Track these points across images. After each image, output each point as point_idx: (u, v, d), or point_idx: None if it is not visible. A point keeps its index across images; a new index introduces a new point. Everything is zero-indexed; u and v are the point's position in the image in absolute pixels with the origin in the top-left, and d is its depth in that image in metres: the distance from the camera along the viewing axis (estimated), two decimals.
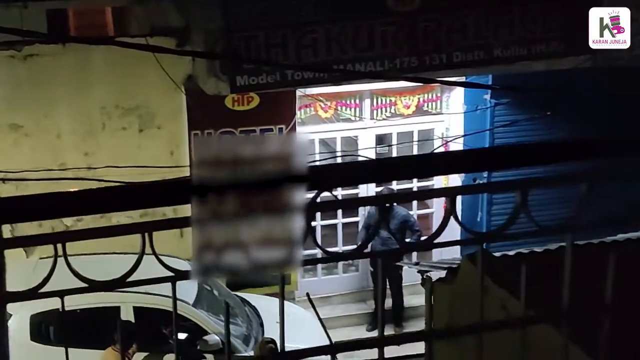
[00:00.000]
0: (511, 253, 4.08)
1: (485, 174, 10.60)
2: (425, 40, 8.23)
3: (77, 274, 1.72)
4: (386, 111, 10.59)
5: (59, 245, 1.67)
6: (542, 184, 1.77)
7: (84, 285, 1.74)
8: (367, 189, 11.10)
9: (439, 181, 11.35)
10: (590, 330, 2.23)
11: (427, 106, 10.65)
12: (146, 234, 1.65)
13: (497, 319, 2.90)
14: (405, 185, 11.25)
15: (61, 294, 1.79)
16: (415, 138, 10.86)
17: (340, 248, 11.28)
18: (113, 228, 1.87)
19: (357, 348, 1.83)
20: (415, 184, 11.30)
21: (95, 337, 7.22)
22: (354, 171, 1.73)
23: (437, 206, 11.46)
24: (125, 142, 9.33)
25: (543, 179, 1.77)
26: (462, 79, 8.99)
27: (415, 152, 11.16)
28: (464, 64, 8.32)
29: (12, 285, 2.67)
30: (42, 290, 1.72)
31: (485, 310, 2.98)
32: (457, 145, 10.34)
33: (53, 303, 7.00)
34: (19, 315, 7.49)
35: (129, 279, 1.73)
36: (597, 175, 1.62)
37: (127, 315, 7.54)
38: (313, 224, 11.05)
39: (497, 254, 3.75)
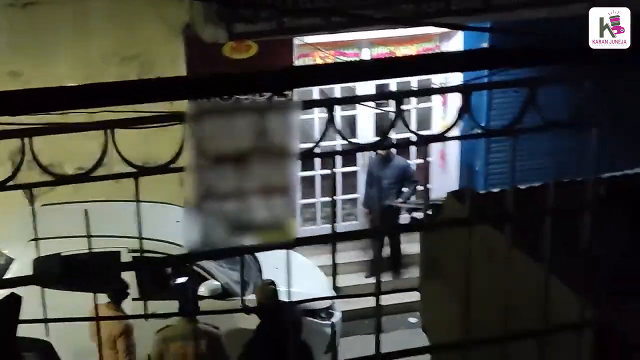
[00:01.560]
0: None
1: (483, 123, 10.66)
2: None
3: (44, 168, 1.83)
4: (385, 57, 10.59)
5: (27, 140, 1.76)
6: (548, 83, 1.95)
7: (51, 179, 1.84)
8: (367, 139, 11.20)
9: (437, 130, 11.42)
10: (566, 261, 2.32)
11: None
12: (109, 130, 1.74)
13: (478, 252, 3.00)
14: (404, 134, 11.32)
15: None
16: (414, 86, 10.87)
17: (340, 197, 11.40)
18: (77, 125, 1.96)
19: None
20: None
21: (96, 282, 7.37)
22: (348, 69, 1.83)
23: (435, 156, 11.54)
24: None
25: (549, 77, 1.95)
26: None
27: (414, 103, 11.21)
28: (462, 12, 8.32)
29: (14, 231, 2.78)
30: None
31: (470, 244, 3.07)
32: (454, 95, 10.35)
33: (55, 248, 7.11)
34: (22, 260, 7.65)
35: (94, 174, 1.83)
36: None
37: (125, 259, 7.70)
38: (311, 173, 11.18)
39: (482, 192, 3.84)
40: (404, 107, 2.09)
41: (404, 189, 10.33)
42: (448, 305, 3.12)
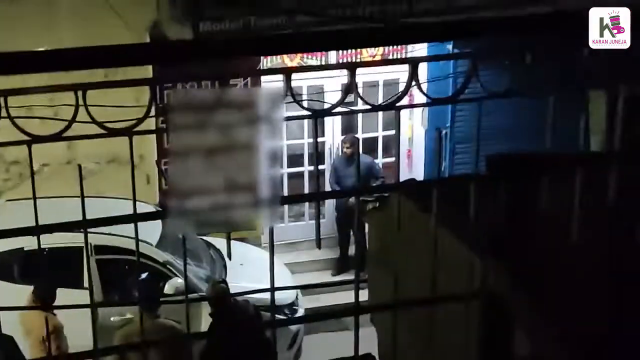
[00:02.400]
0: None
1: (448, 124, 10.82)
2: None
3: (20, 129, 1.89)
4: (353, 60, 10.69)
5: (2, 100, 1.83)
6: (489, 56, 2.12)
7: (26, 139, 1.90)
8: (333, 137, 11.31)
9: (403, 130, 11.56)
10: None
11: (392, 55, 10.76)
12: (79, 92, 1.82)
13: (419, 239, 3.10)
14: (371, 134, 11.44)
15: None
16: (381, 87, 10.99)
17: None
18: (51, 86, 2.04)
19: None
20: (380, 133, 11.49)
21: (58, 276, 7.41)
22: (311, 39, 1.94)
23: (401, 154, 11.65)
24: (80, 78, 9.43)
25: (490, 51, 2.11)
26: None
27: (380, 100, 11.30)
28: (426, 12, 8.44)
29: None
30: None
31: (411, 230, 3.18)
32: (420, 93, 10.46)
33: (18, 242, 7.14)
34: None
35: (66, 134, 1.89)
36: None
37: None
38: (280, 171, 11.24)
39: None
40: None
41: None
42: (393, 295, 3.21)
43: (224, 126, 1.73)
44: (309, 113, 2.06)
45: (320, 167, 11.39)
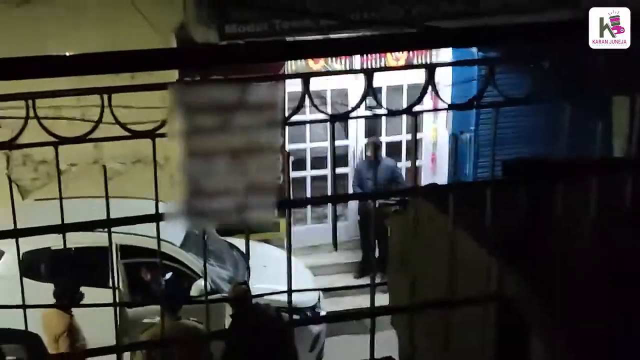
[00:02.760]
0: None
1: (472, 127, 10.80)
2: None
3: (47, 130, 1.94)
4: (376, 64, 10.72)
5: (30, 102, 1.88)
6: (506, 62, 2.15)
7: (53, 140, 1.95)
8: (357, 140, 11.34)
9: (427, 134, 11.56)
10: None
11: (417, 59, 10.78)
12: (105, 96, 1.88)
13: (439, 241, 3.12)
14: (394, 137, 11.45)
15: None
16: (405, 91, 11.01)
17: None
18: (76, 90, 2.08)
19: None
20: (404, 137, 11.49)
21: (84, 276, 7.51)
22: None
23: (426, 159, 11.66)
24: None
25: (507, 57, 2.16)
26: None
27: (404, 104, 11.31)
28: (449, 15, 8.45)
29: (8, 225, 2.90)
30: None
31: (431, 235, 3.20)
32: (444, 97, 10.47)
33: (44, 242, 7.21)
34: (12, 253, 7.75)
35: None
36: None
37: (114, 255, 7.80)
38: (302, 174, 11.30)
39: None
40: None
41: None
42: (411, 297, 3.25)
43: (243, 127, 1.73)
44: (327, 117, 2.09)
45: (344, 169, 11.42)
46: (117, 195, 7.70)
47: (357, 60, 10.64)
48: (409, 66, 6.28)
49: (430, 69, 2.04)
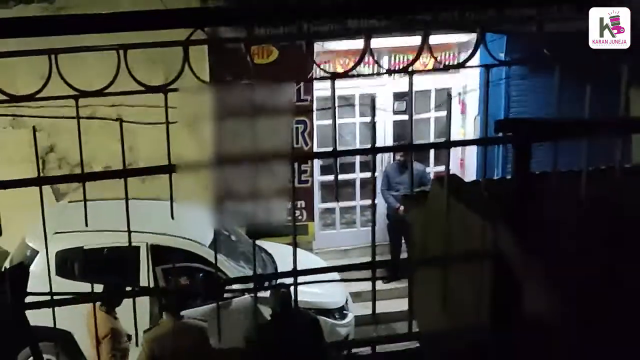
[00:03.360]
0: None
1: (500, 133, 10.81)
2: None
3: (68, 84, 2.05)
4: (405, 67, 10.81)
5: (53, 57, 1.97)
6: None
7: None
8: (385, 143, 11.42)
9: (455, 139, 11.60)
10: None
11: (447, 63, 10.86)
12: (121, 51, 2.00)
13: (458, 232, 3.20)
14: (422, 142, 11.48)
15: None
16: (433, 96, 11.07)
17: (358, 202, 11.60)
18: (96, 47, 2.20)
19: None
20: (432, 141, 11.54)
21: (115, 275, 7.67)
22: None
23: (453, 163, 11.69)
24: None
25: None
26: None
27: (432, 109, 11.38)
28: (477, 21, 8.48)
29: (41, 227, 3.05)
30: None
31: (450, 224, 3.28)
32: (473, 102, 10.55)
33: (77, 241, 7.39)
34: (45, 252, 7.96)
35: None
36: None
37: (144, 254, 7.97)
38: (331, 178, 11.39)
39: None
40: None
41: None
42: (433, 287, 3.34)
43: (269, 131, 1.78)
44: (328, 75, 2.20)
45: (370, 174, 11.48)
46: (149, 197, 7.93)
47: (384, 63, 10.72)
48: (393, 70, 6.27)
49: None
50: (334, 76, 2.23)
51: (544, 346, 2.01)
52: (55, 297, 2.72)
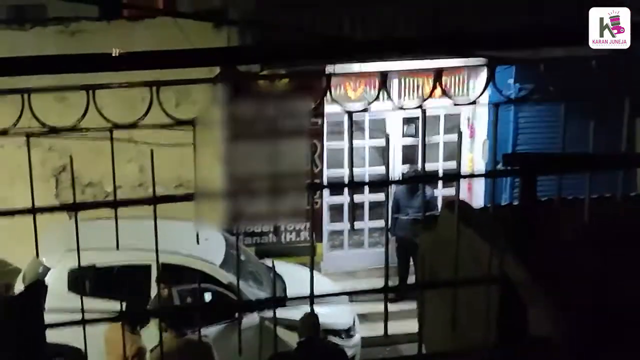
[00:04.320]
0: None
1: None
2: (449, 22, 8.57)
3: (104, 117, 2.14)
4: (413, 93, 10.94)
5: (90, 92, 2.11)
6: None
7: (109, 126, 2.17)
8: (394, 166, 11.52)
9: (464, 163, 11.68)
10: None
11: (453, 89, 10.97)
12: (154, 88, 2.11)
13: (466, 256, 3.30)
14: (431, 164, 11.60)
15: None
16: (442, 121, 11.18)
17: (366, 224, 11.69)
18: (130, 83, 2.32)
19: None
20: (440, 164, 11.64)
21: (126, 292, 7.77)
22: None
23: (461, 188, 11.77)
24: (162, 115, 9.87)
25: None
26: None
27: (442, 133, 11.48)
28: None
29: (53, 244, 3.14)
30: None
31: (459, 249, 3.37)
32: (481, 126, 10.65)
33: (89, 259, 7.48)
34: (58, 269, 8.08)
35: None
36: None
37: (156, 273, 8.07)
38: (340, 199, 11.50)
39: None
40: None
41: None
42: (442, 311, 3.44)
43: (277, 147, 1.82)
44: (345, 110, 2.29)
45: (382, 196, 11.58)
46: (161, 217, 8.03)
47: (394, 87, 10.85)
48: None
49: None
50: (350, 114, 2.32)
51: None
52: (84, 315, 2.81)
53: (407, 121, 11.35)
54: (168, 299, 7.49)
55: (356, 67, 10.06)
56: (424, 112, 2.34)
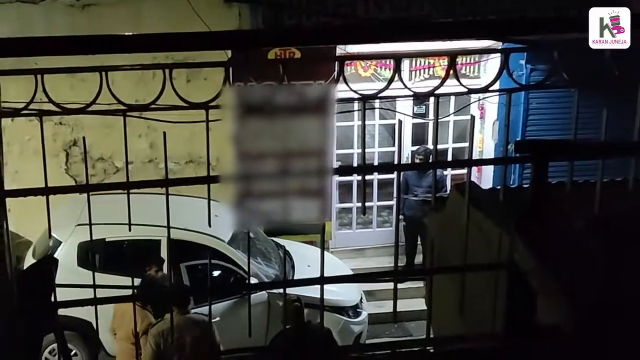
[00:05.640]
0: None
1: (519, 138, 10.88)
2: (462, 2, 8.53)
3: (118, 99, 2.15)
4: (424, 73, 10.89)
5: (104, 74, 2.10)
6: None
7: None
8: (403, 146, 11.51)
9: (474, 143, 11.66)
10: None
11: (465, 69, 10.91)
12: (167, 70, 2.13)
13: (475, 239, 3.30)
14: (441, 146, 11.57)
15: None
16: (452, 101, 11.14)
17: (375, 203, 11.70)
18: (143, 65, 2.33)
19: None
20: (450, 145, 11.61)
21: (136, 267, 7.82)
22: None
23: (472, 168, 11.75)
24: (174, 94, 9.87)
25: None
26: (499, 43, 9.22)
27: (452, 116, 11.44)
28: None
29: (63, 217, 3.15)
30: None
31: (466, 230, 3.38)
32: (492, 106, 10.62)
33: (99, 233, 7.50)
34: (68, 243, 8.13)
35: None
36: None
37: (165, 248, 8.11)
38: (349, 179, 11.50)
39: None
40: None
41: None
42: (450, 293, 3.45)
43: (291, 127, 1.80)
44: (358, 96, 2.30)
45: (391, 176, 11.59)
46: (172, 193, 8.06)
47: (405, 67, 10.80)
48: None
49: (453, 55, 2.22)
50: (364, 101, 2.33)
51: (557, 356, 2.10)
52: (96, 292, 2.84)
53: (417, 100, 11.30)
54: (157, 280, 7.53)
55: (367, 46, 10.00)
56: (437, 98, 2.35)
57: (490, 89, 3.06)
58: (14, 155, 9.83)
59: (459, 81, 2.44)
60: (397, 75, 2.31)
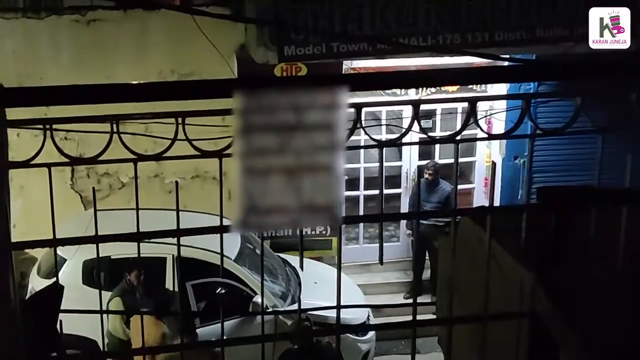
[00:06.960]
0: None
1: (526, 153, 10.83)
2: (469, 17, 8.49)
3: (129, 149, 2.09)
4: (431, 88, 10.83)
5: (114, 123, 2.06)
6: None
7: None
8: (410, 161, 11.46)
9: (481, 158, 11.61)
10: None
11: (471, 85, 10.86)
12: (179, 119, 2.07)
13: (490, 272, 3.22)
14: (448, 160, 11.52)
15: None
16: (459, 115, 11.10)
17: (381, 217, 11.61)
18: (155, 113, 2.27)
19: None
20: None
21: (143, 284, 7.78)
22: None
23: (478, 182, 11.70)
24: (179, 106, 9.84)
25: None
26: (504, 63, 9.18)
27: (458, 127, 11.36)
28: (506, 43, 8.54)
29: (68, 233, 3.10)
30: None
31: (479, 259, 3.31)
32: (499, 122, 10.56)
33: (104, 251, 7.48)
34: (73, 261, 8.08)
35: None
36: None
37: (171, 265, 8.06)
38: (356, 193, 11.45)
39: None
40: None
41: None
42: (465, 333, 3.35)
43: (300, 145, 1.77)
44: (375, 143, 2.23)
45: (396, 190, 11.54)
46: (175, 208, 8.02)
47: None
48: (452, 99, 6.32)
49: (472, 102, 2.15)
50: (381, 144, 2.26)
51: None
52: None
53: (424, 115, 11.25)
54: (136, 287, 7.52)
55: (374, 62, 9.98)
56: (457, 145, 2.26)
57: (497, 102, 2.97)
58: (20, 170, 9.77)
59: (479, 126, 2.36)
60: (415, 122, 2.24)
